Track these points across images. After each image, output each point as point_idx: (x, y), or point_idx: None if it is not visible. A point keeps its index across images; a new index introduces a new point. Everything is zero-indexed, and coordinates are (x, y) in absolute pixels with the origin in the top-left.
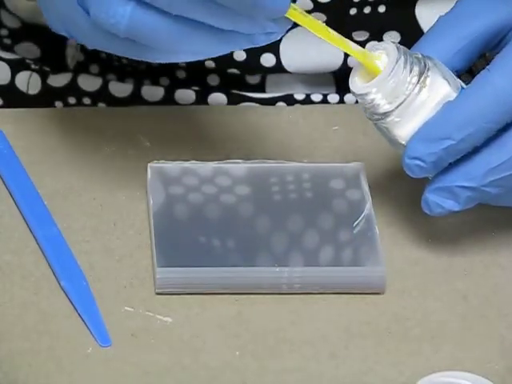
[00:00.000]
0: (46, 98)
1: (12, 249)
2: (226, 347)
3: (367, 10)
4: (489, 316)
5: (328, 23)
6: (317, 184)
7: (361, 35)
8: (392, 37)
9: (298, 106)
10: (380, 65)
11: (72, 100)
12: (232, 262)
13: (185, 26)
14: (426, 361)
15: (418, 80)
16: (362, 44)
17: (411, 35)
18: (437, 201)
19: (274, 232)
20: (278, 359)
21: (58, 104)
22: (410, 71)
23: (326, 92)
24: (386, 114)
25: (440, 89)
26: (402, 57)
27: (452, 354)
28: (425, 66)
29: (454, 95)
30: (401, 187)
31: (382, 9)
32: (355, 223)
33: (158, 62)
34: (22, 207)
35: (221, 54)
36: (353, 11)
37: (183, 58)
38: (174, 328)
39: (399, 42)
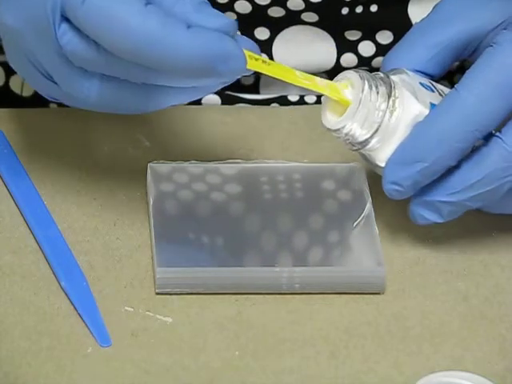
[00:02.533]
0: (40, 101)
1: (12, 249)
2: (225, 347)
3: (359, 9)
4: (489, 316)
5: (320, 23)
6: (317, 184)
7: (353, 35)
8: (385, 36)
9: (297, 106)
10: (349, 95)
11: None
12: (234, 261)
13: (153, 90)
14: (426, 361)
15: (387, 105)
16: (355, 43)
17: (403, 34)
18: (421, 213)
19: (274, 232)
20: (278, 359)
21: (53, 106)
22: (377, 96)
23: (319, 93)
24: (363, 143)
25: (410, 108)
26: (366, 84)
27: (452, 353)
28: (391, 86)
29: (425, 111)
30: None
31: (374, 8)
32: (355, 223)
33: (138, 113)
34: (22, 207)
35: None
36: (345, 11)
37: (163, 107)
38: (174, 328)
39: (392, 41)
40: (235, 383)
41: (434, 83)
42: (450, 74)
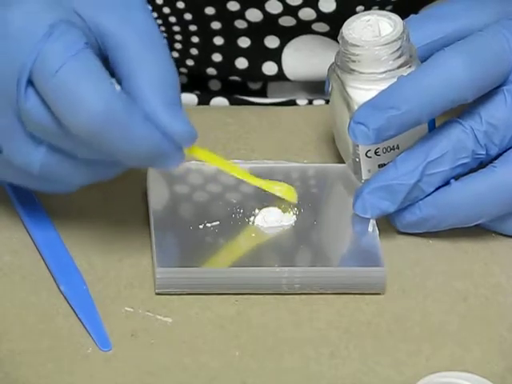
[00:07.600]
0: None
1: (12, 249)
2: (225, 347)
3: None
4: (489, 316)
5: (330, 33)
6: (316, 184)
7: None
8: None
9: (297, 106)
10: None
11: None
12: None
13: (93, 166)
14: (426, 361)
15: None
16: None
17: None
18: (373, 201)
19: (275, 233)
20: (277, 359)
21: None
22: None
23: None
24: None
25: None
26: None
27: (452, 354)
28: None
29: None
30: None
31: None
32: (355, 223)
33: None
34: (21, 211)
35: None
36: None
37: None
38: (174, 328)
39: None
40: (235, 383)
41: None
42: None
